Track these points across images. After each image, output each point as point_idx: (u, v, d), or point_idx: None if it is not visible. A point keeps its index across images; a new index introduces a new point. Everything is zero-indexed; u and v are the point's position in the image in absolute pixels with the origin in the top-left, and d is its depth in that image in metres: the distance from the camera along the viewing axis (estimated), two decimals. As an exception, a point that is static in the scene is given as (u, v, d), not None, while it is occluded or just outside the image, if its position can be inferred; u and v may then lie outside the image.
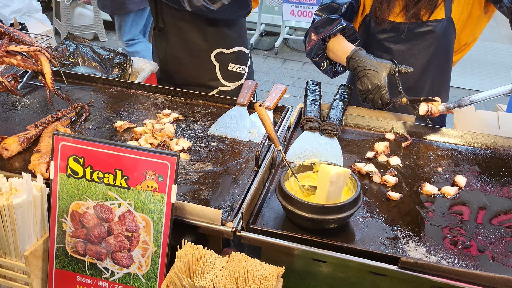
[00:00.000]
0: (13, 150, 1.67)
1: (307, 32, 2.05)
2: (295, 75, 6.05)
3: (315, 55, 2.04)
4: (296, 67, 6.25)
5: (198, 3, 2.10)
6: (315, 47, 2.02)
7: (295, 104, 5.67)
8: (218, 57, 2.39)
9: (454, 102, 1.74)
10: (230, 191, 1.55)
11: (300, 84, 5.80)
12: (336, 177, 1.33)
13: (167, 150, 1.72)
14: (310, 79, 2.09)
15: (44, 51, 1.78)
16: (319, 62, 2.07)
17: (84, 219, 1.36)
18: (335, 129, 1.80)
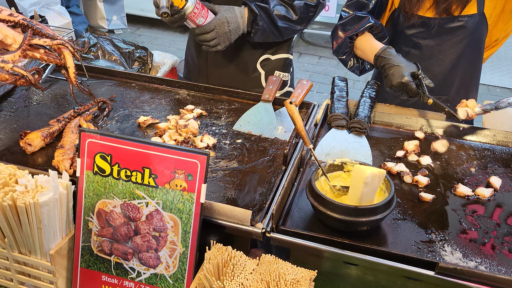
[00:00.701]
0: (36, 146, 1.64)
1: (334, 29, 2.00)
2: (310, 69, 5.98)
3: (342, 53, 1.99)
4: (312, 61, 6.18)
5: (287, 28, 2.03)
6: (342, 45, 1.97)
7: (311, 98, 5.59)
8: (263, 63, 2.24)
9: (491, 104, 1.68)
10: (258, 190, 1.52)
11: (316, 78, 5.74)
12: (371, 178, 1.28)
13: (192, 147, 1.68)
14: (336, 75, 2.04)
15: (67, 45, 1.74)
16: (346, 60, 2.03)
17: (111, 218, 1.33)
18: (363, 127, 1.75)
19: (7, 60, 1.59)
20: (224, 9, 1.90)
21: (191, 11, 1.81)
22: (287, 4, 2.01)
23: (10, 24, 1.72)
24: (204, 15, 1.87)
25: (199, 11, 1.84)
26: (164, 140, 1.71)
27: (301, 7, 2.01)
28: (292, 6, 2.01)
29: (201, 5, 1.85)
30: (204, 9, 1.86)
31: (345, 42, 1.97)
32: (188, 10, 1.80)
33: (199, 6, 1.84)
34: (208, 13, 1.89)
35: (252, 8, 1.93)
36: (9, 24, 1.72)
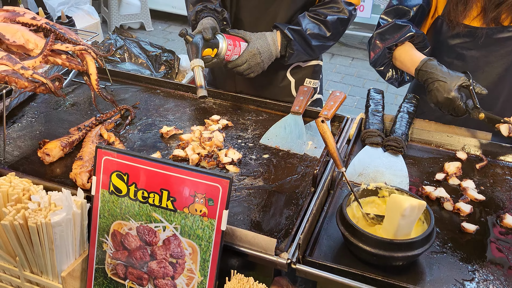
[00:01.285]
0: (54, 156, 1.58)
1: (371, 38, 1.87)
2: (343, 71, 5.82)
3: (380, 64, 1.86)
4: (345, 63, 6.02)
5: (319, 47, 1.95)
6: (380, 56, 1.84)
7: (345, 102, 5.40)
8: (294, 71, 2.13)
9: None
10: (284, 213, 1.41)
11: (348, 81, 5.58)
12: (410, 210, 1.16)
13: (216, 161, 1.59)
14: (372, 87, 1.91)
15: (90, 51, 1.67)
16: (384, 71, 1.89)
17: (126, 241, 1.25)
18: (400, 145, 1.63)
19: (27, 66, 1.52)
20: (255, 38, 1.83)
21: (224, 56, 1.77)
22: (319, 21, 1.90)
23: (32, 28, 1.67)
24: (237, 52, 1.81)
25: (232, 52, 1.79)
26: (186, 153, 1.62)
27: (334, 22, 1.90)
28: (325, 23, 1.89)
29: (232, 44, 1.79)
30: (236, 46, 1.80)
31: (384, 53, 1.84)
32: (221, 56, 1.76)
33: (231, 47, 1.78)
34: (241, 47, 1.82)
35: (286, 34, 1.84)
36: (31, 28, 1.67)
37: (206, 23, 1.77)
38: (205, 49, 1.71)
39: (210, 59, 1.74)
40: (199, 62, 1.66)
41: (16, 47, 1.63)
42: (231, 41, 1.78)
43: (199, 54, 1.67)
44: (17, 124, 1.78)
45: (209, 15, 1.85)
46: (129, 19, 6.42)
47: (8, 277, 1.34)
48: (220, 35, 1.78)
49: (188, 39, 1.69)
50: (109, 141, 1.66)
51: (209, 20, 1.80)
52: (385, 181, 1.52)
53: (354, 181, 1.55)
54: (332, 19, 1.89)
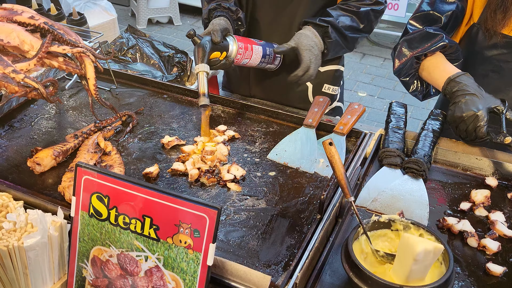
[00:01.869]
0: (46, 165, 1.48)
1: (397, 46, 1.70)
2: (374, 72, 5.60)
3: (405, 74, 1.69)
4: (376, 63, 5.79)
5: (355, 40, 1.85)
6: (406, 65, 1.67)
7: (371, 104, 5.23)
8: None
9: None
10: (285, 241, 1.27)
11: (379, 83, 5.36)
12: (424, 255, 1.00)
13: (218, 178, 1.46)
14: (394, 101, 1.74)
15: (89, 53, 1.57)
16: (408, 82, 1.72)
17: (106, 268, 1.14)
18: (421, 168, 1.46)
19: (19, 70, 1.43)
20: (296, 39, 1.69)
21: (233, 59, 1.67)
22: (351, 12, 1.78)
23: (29, 28, 1.57)
24: (248, 56, 1.69)
25: (242, 56, 1.67)
26: (186, 167, 1.50)
27: (367, 14, 1.79)
28: (357, 14, 1.78)
29: (244, 47, 1.67)
30: (248, 50, 1.68)
31: (411, 62, 1.67)
32: (230, 59, 1.66)
33: (242, 50, 1.66)
34: (253, 51, 1.70)
35: (317, 24, 1.72)
36: (28, 28, 1.57)
37: (216, 23, 1.65)
38: (213, 52, 1.60)
39: (218, 61, 1.62)
40: (204, 67, 1.55)
41: (11, 48, 1.54)
42: (243, 44, 1.65)
43: (205, 59, 1.56)
44: (13, 128, 1.70)
45: (222, 15, 1.73)
46: (157, 13, 6.36)
47: (-15, 297, 1.25)
48: (231, 37, 1.65)
49: (195, 41, 1.58)
50: (106, 150, 1.55)
51: (221, 21, 1.68)
52: (402, 208, 1.36)
53: (367, 207, 1.40)
54: (365, 10, 1.78)
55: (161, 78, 2.25)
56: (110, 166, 1.48)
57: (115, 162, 1.49)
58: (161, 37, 6.24)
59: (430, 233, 1.15)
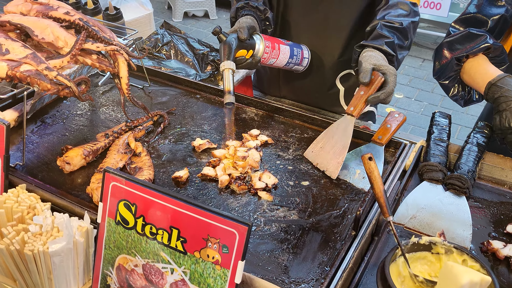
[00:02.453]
0: (75, 165, 1.46)
1: (438, 48, 1.61)
2: (412, 73, 5.44)
3: (445, 77, 1.60)
4: (414, 64, 5.63)
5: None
6: (446, 67, 1.58)
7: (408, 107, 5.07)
8: (344, 79, 1.90)
9: None
10: (317, 258, 1.21)
11: (416, 84, 5.21)
12: (469, 287, 0.92)
13: (248, 185, 1.41)
14: (438, 111, 1.65)
15: (122, 52, 1.54)
16: (448, 86, 1.63)
17: (131, 278, 1.10)
18: (465, 185, 1.37)
19: (52, 67, 1.41)
20: (378, 61, 1.50)
21: (260, 58, 1.62)
22: (396, 29, 1.61)
23: (64, 24, 1.55)
24: (275, 55, 1.64)
25: (269, 55, 1.63)
26: (216, 173, 1.45)
27: (409, 28, 1.63)
28: (401, 31, 1.62)
29: (271, 46, 1.62)
30: (275, 49, 1.63)
31: (451, 64, 1.58)
32: (257, 58, 1.61)
33: (269, 49, 1.61)
34: (280, 51, 1.65)
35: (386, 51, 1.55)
36: (63, 24, 1.55)
37: (243, 21, 1.61)
38: (239, 50, 1.56)
39: (244, 60, 1.58)
40: (230, 64, 1.51)
41: (45, 44, 1.52)
42: (270, 42, 1.61)
43: (231, 56, 1.52)
44: (45, 124, 1.69)
45: (249, 13, 1.68)
46: (194, 6, 6.34)
47: (11, 297, 1.24)
48: (258, 35, 1.61)
49: (221, 38, 1.54)
50: (136, 151, 1.52)
51: (248, 19, 1.63)
52: (443, 228, 1.28)
53: (405, 225, 1.32)
54: (408, 24, 1.63)
55: (195, 76, 2.21)
56: (139, 168, 1.45)
57: (145, 165, 1.46)
58: (196, 31, 6.23)
59: (475, 259, 1.07)
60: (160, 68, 2.04)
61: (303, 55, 1.76)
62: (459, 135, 4.31)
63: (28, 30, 1.49)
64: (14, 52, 1.41)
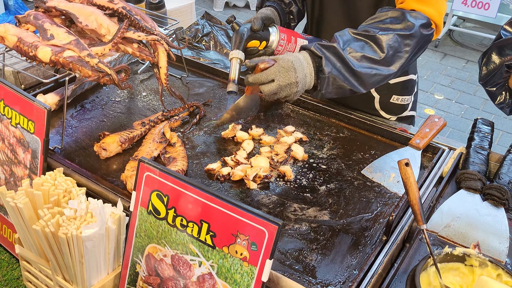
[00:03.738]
0: (111, 151, 1.49)
1: (486, 52, 1.55)
2: (454, 74, 5.29)
3: (492, 84, 1.54)
4: (457, 65, 5.47)
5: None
6: (495, 74, 1.52)
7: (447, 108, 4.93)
8: (379, 88, 1.78)
9: None
10: (346, 260, 1.19)
11: (458, 86, 5.06)
12: (503, 304, 0.90)
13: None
14: (480, 117, 1.59)
15: (163, 42, 1.55)
16: (495, 93, 1.57)
17: (160, 267, 1.12)
18: (504, 197, 1.32)
19: (94, 54, 1.43)
20: (285, 55, 1.36)
21: (273, 50, 1.57)
22: (366, 37, 1.37)
23: (108, 12, 1.57)
24: (291, 49, 1.59)
25: (284, 48, 1.58)
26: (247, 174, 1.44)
27: (391, 40, 1.36)
28: (375, 39, 1.36)
29: (286, 38, 1.57)
30: (291, 42, 1.59)
31: (500, 71, 1.51)
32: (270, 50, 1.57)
33: (284, 42, 1.57)
34: (296, 44, 1.61)
35: (313, 51, 1.35)
36: (107, 11, 1.57)
37: (261, 12, 1.59)
38: (251, 40, 1.52)
39: (256, 50, 1.54)
40: (238, 54, 1.47)
41: (89, 31, 1.55)
42: (285, 35, 1.57)
43: (241, 46, 1.48)
44: (85, 109, 1.72)
45: (273, 5, 1.66)
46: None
47: (44, 277, 1.27)
48: (274, 27, 1.57)
49: (234, 27, 1.52)
50: (171, 141, 1.54)
51: (267, 10, 1.61)
52: (478, 239, 1.24)
53: (439, 233, 1.29)
54: (387, 34, 1.36)
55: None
56: (173, 158, 1.46)
57: (179, 155, 1.47)
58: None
59: (510, 275, 1.04)
60: (199, 59, 2.05)
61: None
62: (500, 141, 4.17)
63: (72, 16, 1.52)
64: (58, 37, 1.44)
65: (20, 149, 1.35)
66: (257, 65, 1.37)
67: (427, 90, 4.96)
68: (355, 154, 1.55)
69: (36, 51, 1.41)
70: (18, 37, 1.46)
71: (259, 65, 1.36)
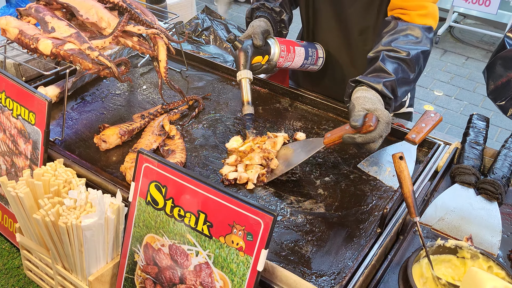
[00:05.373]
0: (111, 143, 1.51)
1: (492, 64, 1.53)
2: (454, 70, 5.30)
3: (502, 98, 1.53)
4: (458, 62, 5.48)
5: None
6: (504, 88, 1.52)
7: (447, 105, 4.94)
8: None
9: None
10: (340, 252, 1.22)
11: (458, 82, 5.07)
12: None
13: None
14: (476, 113, 1.61)
15: (162, 35, 1.56)
16: (505, 106, 1.56)
17: (157, 257, 1.14)
18: (497, 191, 1.34)
19: (94, 47, 1.45)
20: (373, 105, 1.33)
21: (275, 63, 1.60)
22: (400, 60, 1.43)
23: (108, 6, 1.59)
24: (291, 59, 1.63)
25: (285, 59, 1.61)
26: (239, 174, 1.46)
27: (417, 59, 1.45)
28: (407, 62, 1.44)
29: (286, 49, 1.60)
30: (290, 52, 1.61)
31: (509, 85, 1.51)
32: (272, 63, 1.60)
33: (284, 53, 1.59)
34: (295, 53, 1.63)
35: (383, 92, 1.37)
36: (107, 5, 1.59)
37: (257, 26, 1.60)
38: (255, 56, 1.55)
39: (259, 66, 1.58)
40: (247, 73, 1.51)
41: (89, 24, 1.56)
42: (285, 46, 1.60)
43: (247, 64, 1.51)
44: (85, 102, 1.74)
45: (263, 15, 1.67)
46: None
47: (44, 266, 1.30)
48: (272, 39, 1.60)
49: (236, 46, 1.53)
50: (170, 134, 1.55)
51: (261, 23, 1.62)
52: (471, 233, 1.26)
53: (432, 226, 1.31)
54: (416, 54, 1.44)
55: (232, 63, 2.23)
56: (172, 151, 1.48)
57: (178, 147, 1.49)
58: (237, 16, 6.23)
59: (501, 267, 1.06)
60: (199, 53, 2.07)
61: (317, 55, 1.76)
62: (498, 138, 4.19)
63: (73, 9, 1.53)
64: (59, 30, 1.46)
65: (21, 140, 1.37)
66: (364, 124, 1.26)
67: (426, 86, 4.97)
68: (352, 148, 1.57)
69: (37, 43, 1.43)
70: (20, 29, 1.48)
71: (367, 124, 1.26)
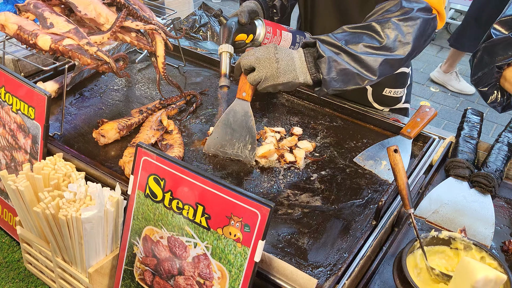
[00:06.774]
0: (110, 138, 1.52)
1: (477, 52, 1.57)
2: (450, 67, 5.32)
3: (484, 84, 1.56)
4: (454, 58, 5.49)
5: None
6: (485, 74, 1.54)
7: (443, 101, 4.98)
8: None
9: None
10: (336, 244, 1.24)
11: (454, 79, 5.09)
12: (484, 283, 0.94)
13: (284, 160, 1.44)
14: (470, 107, 1.63)
15: (160, 31, 1.58)
16: (487, 93, 1.58)
17: (156, 249, 1.16)
18: (491, 184, 1.37)
19: (92, 42, 1.46)
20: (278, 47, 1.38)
21: (260, 43, 1.62)
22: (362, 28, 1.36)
23: (106, 2, 1.60)
24: (277, 41, 1.64)
25: (270, 41, 1.63)
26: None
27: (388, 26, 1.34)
28: (372, 28, 1.35)
29: (272, 31, 1.62)
30: (276, 35, 1.63)
31: (491, 72, 1.53)
32: (257, 43, 1.62)
33: (270, 35, 1.61)
34: (282, 37, 1.65)
35: (306, 42, 1.37)
36: (105, 1, 1.60)
37: (245, 5, 1.62)
38: (239, 34, 1.56)
39: (243, 44, 1.58)
40: (228, 48, 1.51)
41: (88, 20, 1.58)
42: (271, 28, 1.61)
43: (230, 39, 1.52)
44: (84, 97, 1.75)
45: None
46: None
47: (44, 259, 1.31)
48: (260, 20, 1.61)
49: (221, 21, 1.57)
50: (168, 129, 1.57)
51: (251, 3, 1.64)
52: (465, 225, 1.29)
53: (427, 219, 1.33)
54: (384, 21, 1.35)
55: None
56: (170, 145, 1.49)
57: (176, 142, 1.51)
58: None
59: (493, 257, 1.08)
60: (196, 49, 2.08)
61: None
62: (494, 134, 4.22)
63: (72, 5, 1.54)
64: (58, 26, 1.47)
65: (20, 135, 1.39)
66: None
67: (423, 83, 5.00)
68: (348, 142, 1.59)
69: (36, 39, 1.44)
70: (18, 25, 1.49)
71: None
